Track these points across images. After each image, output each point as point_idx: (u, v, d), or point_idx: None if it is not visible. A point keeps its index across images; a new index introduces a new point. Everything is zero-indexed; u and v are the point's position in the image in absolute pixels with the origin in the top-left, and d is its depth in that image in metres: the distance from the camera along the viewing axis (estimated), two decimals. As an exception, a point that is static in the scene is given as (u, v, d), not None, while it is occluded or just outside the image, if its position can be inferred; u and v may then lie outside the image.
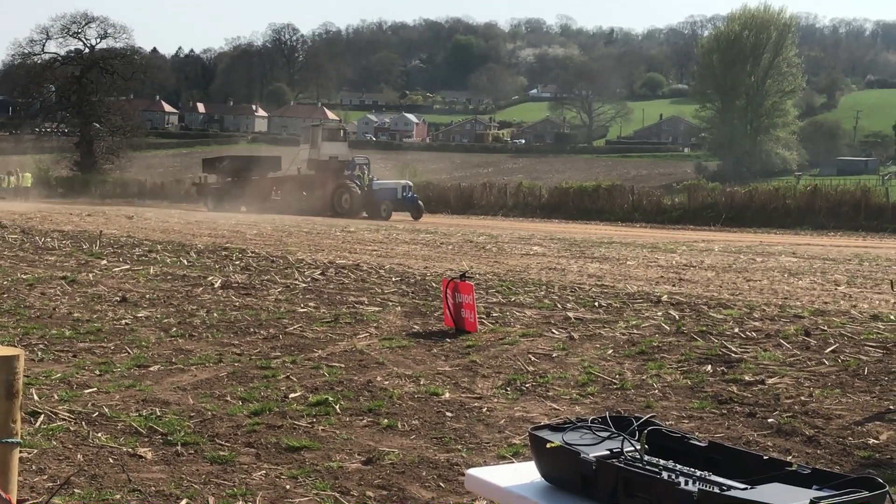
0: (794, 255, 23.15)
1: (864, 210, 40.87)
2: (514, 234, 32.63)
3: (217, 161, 59.94)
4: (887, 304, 13.66)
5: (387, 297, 14.55)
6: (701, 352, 10.36)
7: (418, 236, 29.42)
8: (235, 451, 7.05)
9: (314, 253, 21.99)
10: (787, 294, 15.23)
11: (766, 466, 3.35)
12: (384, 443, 7.30)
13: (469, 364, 10.00)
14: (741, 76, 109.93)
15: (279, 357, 10.29)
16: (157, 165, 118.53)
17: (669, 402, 8.56)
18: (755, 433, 7.58)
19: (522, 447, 6.97)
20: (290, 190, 52.59)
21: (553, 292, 15.08)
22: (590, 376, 9.40)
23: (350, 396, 8.62)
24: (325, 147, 51.77)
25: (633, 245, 26.66)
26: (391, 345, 10.94)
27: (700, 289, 15.88)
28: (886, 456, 7.03)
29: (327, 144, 52.06)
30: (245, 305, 13.77)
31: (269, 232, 30.30)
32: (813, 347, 10.44)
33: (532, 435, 3.67)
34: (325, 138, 52.51)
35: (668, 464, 3.39)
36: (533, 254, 23.22)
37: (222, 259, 20.15)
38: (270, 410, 8.10)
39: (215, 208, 52.80)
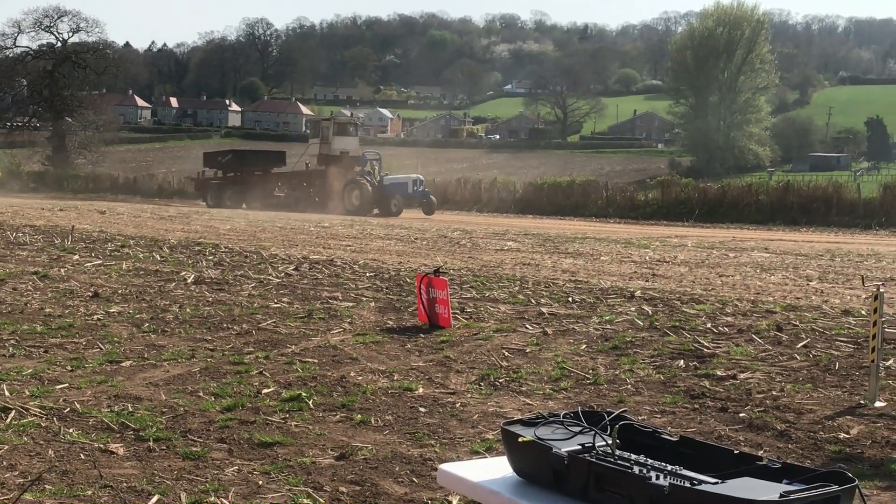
0: (767, 251, 23.25)
1: (835, 206, 41.07)
2: (488, 229, 32.62)
3: (219, 155, 58.42)
4: (858, 300, 13.75)
5: (361, 293, 14.53)
6: (673, 347, 10.39)
7: (393, 231, 29.38)
8: (208, 446, 7.03)
9: (288, 248, 21.93)
10: (760, 289, 15.30)
11: (737, 461, 3.37)
12: (357, 438, 7.29)
13: (443, 359, 10.01)
14: (714, 72, 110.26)
15: (252, 353, 10.26)
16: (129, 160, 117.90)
17: (642, 396, 8.59)
18: (727, 427, 7.62)
19: (495, 442, 6.98)
20: (297, 186, 51.38)
21: (527, 288, 15.09)
22: (563, 371, 9.42)
23: (323, 392, 8.61)
24: (336, 142, 50.12)
25: (607, 240, 26.72)
26: (365, 340, 10.93)
27: (673, 284, 15.93)
28: (857, 450, 7.08)
29: (338, 139, 50.36)
30: (218, 301, 13.72)
31: (242, 227, 30.19)
32: (785, 342, 10.50)
33: (504, 430, 3.67)
34: (336, 133, 50.61)
35: (640, 458, 3.40)
36: (507, 249, 23.23)
37: (195, 254, 20.07)
38: (243, 406, 8.08)
39: (215, 205, 51.42)
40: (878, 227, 37.26)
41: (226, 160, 56.42)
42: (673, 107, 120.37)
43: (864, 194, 42.49)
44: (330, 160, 49.43)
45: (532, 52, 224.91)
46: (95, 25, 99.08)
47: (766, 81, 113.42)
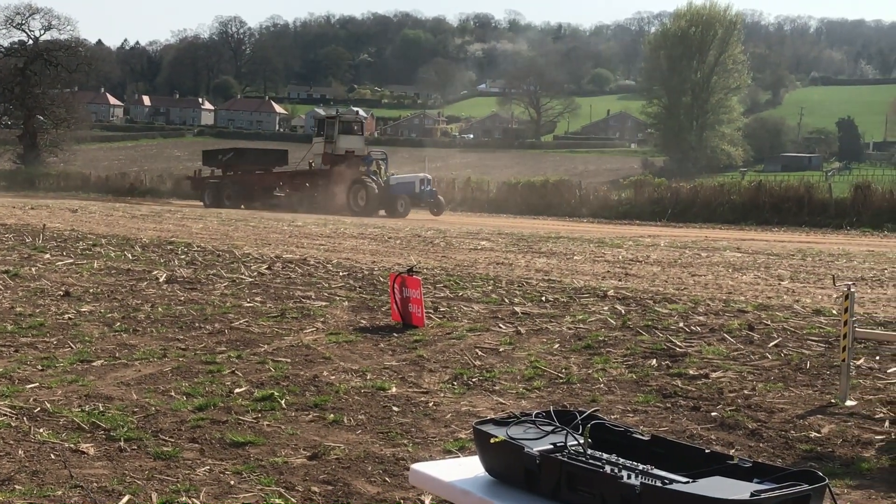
0: (739, 251, 23.36)
1: (807, 206, 41.31)
2: (461, 228, 32.64)
3: (220, 153, 57.09)
4: (829, 299, 13.83)
5: (334, 292, 14.50)
6: (646, 346, 10.42)
7: (366, 231, 29.35)
8: (179, 446, 6.99)
9: (261, 247, 21.86)
10: (732, 289, 15.37)
11: (708, 460, 3.38)
12: (330, 438, 7.28)
13: (416, 359, 10.00)
14: (687, 73, 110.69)
15: (224, 352, 10.22)
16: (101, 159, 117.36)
17: (615, 396, 8.61)
18: (699, 427, 7.65)
19: (468, 441, 6.98)
20: (299, 186, 50.12)
21: (500, 287, 15.10)
22: (536, 371, 9.43)
23: (296, 391, 8.58)
24: (341, 140, 48.70)
25: (580, 240, 26.78)
26: (338, 339, 10.91)
27: (646, 283, 15.98)
28: (828, 449, 7.12)
29: (343, 138, 48.96)
30: (190, 300, 13.66)
31: (215, 226, 30.08)
32: (756, 342, 10.54)
33: (476, 429, 3.67)
34: (341, 131, 49.19)
35: (612, 457, 3.40)
36: (481, 248, 23.24)
37: (167, 253, 19.98)
38: (215, 405, 8.05)
39: (213, 204, 50.39)
40: (850, 227, 37.50)
41: (227, 158, 55.20)
42: (646, 107, 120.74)
43: (835, 194, 42.77)
44: (335, 159, 48.16)
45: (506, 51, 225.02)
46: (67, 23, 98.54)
47: (738, 82, 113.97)
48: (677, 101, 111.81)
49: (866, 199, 39.91)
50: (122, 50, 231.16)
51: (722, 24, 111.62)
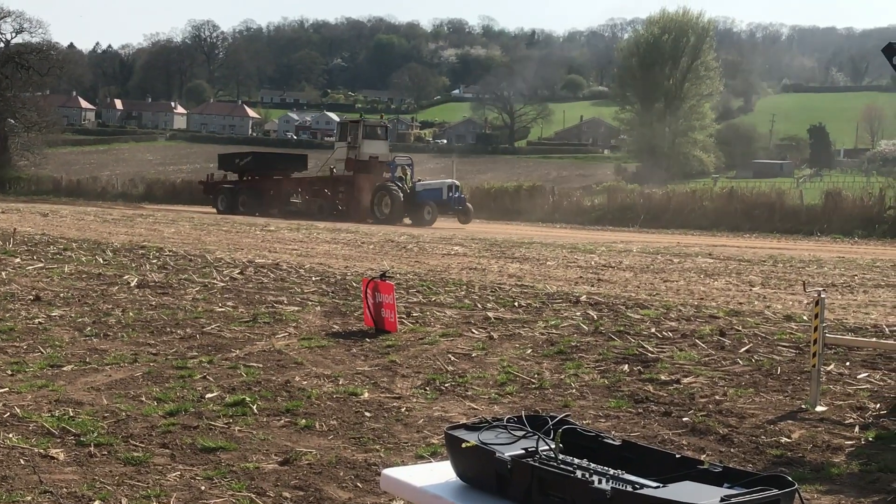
0: (711, 257, 23.47)
1: (778, 212, 41.53)
2: (435, 233, 32.65)
3: (237, 157, 55.14)
4: (800, 305, 13.91)
5: (306, 297, 14.47)
6: (618, 351, 10.45)
7: (339, 235, 29.31)
8: (150, 451, 6.95)
9: (233, 252, 21.80)
10: (703, 294, 15.44)
11: (679, 465, 3.39)
12: (301, 443, 7.25)
13: (388, 364, 9.99)
14: (660, 79, 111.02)
15: (196, 357, 10.18)
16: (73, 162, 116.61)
17: (587, 401, 8.63)
18: (670, 432, 7.67)
19: (440, 447, 6.97)
20: (319, 192, 48.03)
21: (473, 292, 15.11)
22: (509, 376, 9.44)
23: (268, 396, 8.56)
24: (365, 145, 46.88)
25: (553, 245, 26.83)
26: (310, 345, 10.88)
27: (618, 289, 16.03)
28: (798, 454, 7.15)
29: (367, 143, 47.13)
30: (162, 305, 13.60)
31: (187, 230, 29.97)
32: (728, 347, 10.59)
33: (448, 434, 3.67)
34: (365, 136, 47.29)
35: (583, 463, 3.41)
36: (454, 254, 23.25)
37: (139, 257, 19.89)
38: (186, 411, 8.01)
39: (227, 210, 48.96)
40: (820, 233, 37.72)
41: (244, 162, 53.34)
42: (619, 113, 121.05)
43: (806, 201, 43.03)
44: (358, 165, 46.36)
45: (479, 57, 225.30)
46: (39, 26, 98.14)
47: (710, 88, 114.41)
48: (650, 108, 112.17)
49: (837, 205, 40.16)
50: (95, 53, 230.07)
51: (694, 31, 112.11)
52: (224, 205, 50.25)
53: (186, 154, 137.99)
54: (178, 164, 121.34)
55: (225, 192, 51.49)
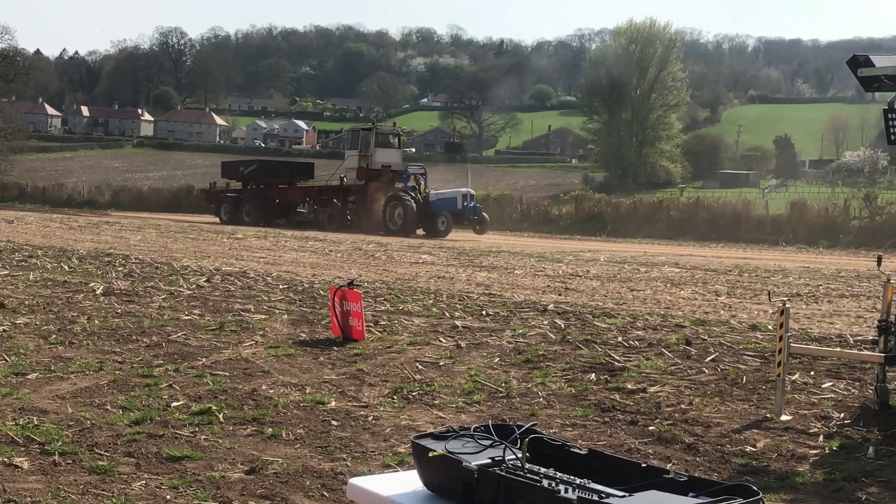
0: (677, 266, 23.59)
1: (744, 222, 41.80)
2: (403, 242, 32.65)
3: (241, 165, 53.33)
4: (765, 315, 14.00)
5: (273, 305, 14.43)
6: (585, 360, 10.48)
7: (307, 244, 29.25)
8: (115, 460, 6.91)
9: (200, 259, 21.70)
10: (670, 304, 15.51)
11: (644, 474, 3.40)
12: (268, 452, 7.23)
13: (356, 372, 9.97)
14: (627, 89, 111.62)
15: (162, 365, 10.13)
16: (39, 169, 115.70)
17: (554, 410, 8.65)
18: (636, 440, 7.70)
19: (408, 456, 6.96)
20: (327, 202, 46.28)
21: (441, 301, 15.12)
22: (476, 384, 9.45)
23: (234, 405, 8.53)
24: (377, 154, 45.08)
25: (521, 254, 26.88)
26: (277, 353, 10.85)
27: (585, 298, 16.08)
28: (763, 463, 7.20)
29: (380, 151, 45.34)
30: (127, 312, 13.52)
31: (153, 238, 29.82)
32: (694, 356, 10.65)
33: (414, 443, 3.66)
34: (377, 144, 45.48)
35: (549, 472, 3.41)
36: (422, 262, 23.25)
37: (105, 265, 19.77)
38: (152, 419, 7.97)
39: (230, 220, 47.21)
40: (786, 243, 38.00)
41: (249, 170, 51.45)
42: (587, 123, 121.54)
43: (771, 211, 43.32)
44: (370, 174, 44.59)
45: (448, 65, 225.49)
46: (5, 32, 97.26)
47: (677, 99, 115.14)
48: (617, 118, 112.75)
49: (802, 215, 40.48)
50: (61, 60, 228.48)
51: (661, 42, 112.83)
52: (227, 214, 48.53)
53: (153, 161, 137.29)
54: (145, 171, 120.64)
55: (228, 201, 49.67)
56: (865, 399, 8.92)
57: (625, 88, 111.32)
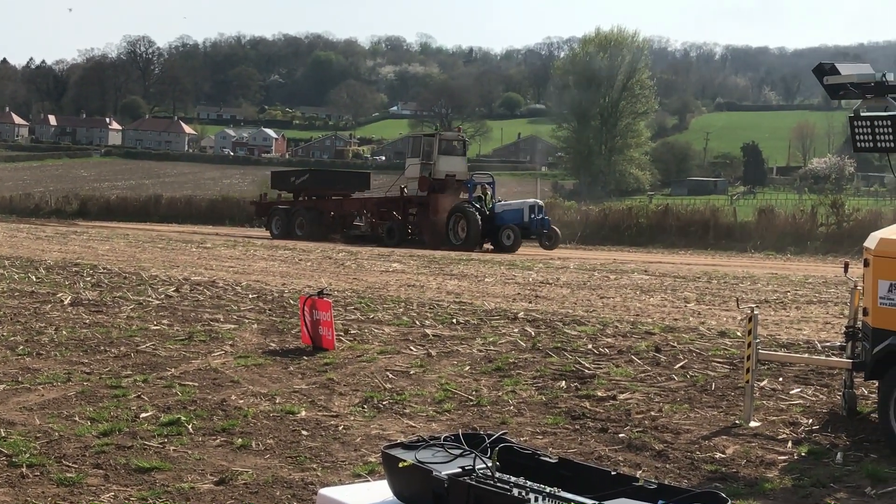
0: (646, 273, 23.66)
1: (713, 229, 41.95)
2: (373, 251, 32.62)
3: (292, 175, 50.02)
4: (734, 321, 14.07)
5: (243, 315, 14.38)
6: (555, 368, 10.50)
7: (276, 252, 29.17)
8: (83, 472, 6.87)
9: (168, 269, 21.60)
10: (639, 311, 15.56)
11: (614, 482, 3.41)
12: (238, 462, 7.20)
13: (326, 382, 9.95)
14: (596, 97, 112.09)
15: (130, 376, 10.07)
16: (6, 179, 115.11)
17: (524, 417, 8.66)
18: (607, 448, 7.72)
19: (378, 465, 6.95)
20: (386, 215, 42.78)
21: (412, 309, 15.11)
22: (447, 393, 9.45)
23: (203, 416, 8.48)
24: (441, 162, 41.56)
25: (491, 262, 26.92)
26: (247, 363, 10.81)
27: (555, 306, 16.11)
28: (732, 470, 7.23)
29: (444, 159, 41.74)
30: (96, 323, 13.44)
31: (122, 248, 29.66)
32: (663, 363, 10.68)
33: (385, 453, 3.66)
34: (441, 151, 41.91)
35: (520, 481, 3.42)
36: (392, 271, 23.24)
37: (73, 275, 19.65)
38: (120, 430, 7.92)
39: (282, 234, 44.10)
40: (754, 249, 38.17)
41: (301, 181, 47.93)
42: (556, 131, 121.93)
43: (740, 218, 43.53)
44: (433, 184, 41.20)
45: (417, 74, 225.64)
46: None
47: (645, 107, 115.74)
48: (586, 126, 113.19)
49: (770, 222, 40.69)
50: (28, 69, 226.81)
51: (629, 50, 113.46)
52: (279, 228, 45.10)
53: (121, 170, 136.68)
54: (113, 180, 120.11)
55: (280, 214, 46.03)
56: (833, 405, 8.98)
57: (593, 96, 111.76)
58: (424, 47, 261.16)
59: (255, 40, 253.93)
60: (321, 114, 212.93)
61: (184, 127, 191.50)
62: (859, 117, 8.06)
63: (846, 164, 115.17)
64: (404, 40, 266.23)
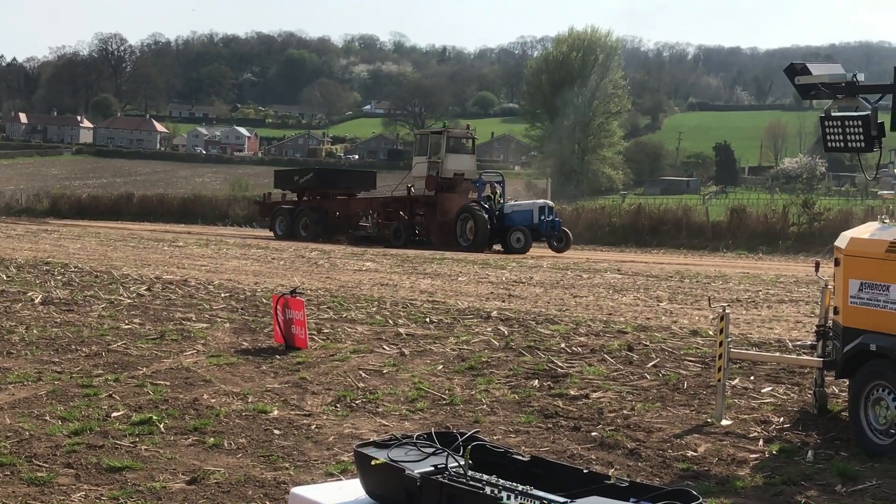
0: (619, 272, 23.74)
1: (685, 228, 42.10)
2: (346, 249, 32.59)
3: (296, 174, 48.51)
4: (706, 320, 14.13)
5: (215, 314, 14.33)
6: (528, 367, 10.52)
7: (249, 251, 29.09)
8: (54, 471, 6.82)
9: (140, 268, 21.49)
10: (612, 310, 15.61)
11: (586, 480, 3.42)
12: (210, 462, 7.17)
13: (299, 381, 9.93)
14: (569, 97, 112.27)
15: (102, 375, 10.01)
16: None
17: (497, 416, 8.67)
18: (579, 446, 7.74)
19: (350, 464, 6.94)
20: (393, 215, 41.04)
21: (385, 308, 15.10)
22: (420, 392, 9.44)
23: (175, 415, 8.45)
24: (449, 160, 40.00)
25: (465, 261, 26.93)
26: (219, 362, 10.77)
27: (529, 305, 16.13)
28: (704, 468, 7.26)
29: (452, 157, 40.21)
30: (67, 322, 13.36)
31: (93, 246, 29.50)
32: (635, 362, 10.72)
33: (357, 452, 3.66)
34: (449, 149, 40.31)
35: (492, 479, 3.42)
36: (365, 269, 23.21)
37: (43, 274, 19.52)
38: (91, 430, 7.87)
39: (286, 234, 42.72)
40: (726, 249, 38.34)
41: (304, 180, 46.43)
42: (529, 130, 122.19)
43: (712, 217, 43.70)
44: (441, 183, 39.66)
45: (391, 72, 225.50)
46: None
47: (619, 106, 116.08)
48: (560, 125, 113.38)
49: (742, 222, 40.86)
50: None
51: (603, 50, 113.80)
52: (283, 229, 43.71)
53: (93, 168, 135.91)
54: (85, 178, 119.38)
55: (284, 215, 44.58)
56: (804, 403, 9.03)
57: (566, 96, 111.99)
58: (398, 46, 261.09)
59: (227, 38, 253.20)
60: (294, 112, 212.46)
61: (156, 125, 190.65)
62: (830, 117, 8.11)
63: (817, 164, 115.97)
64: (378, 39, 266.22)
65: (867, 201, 52.14)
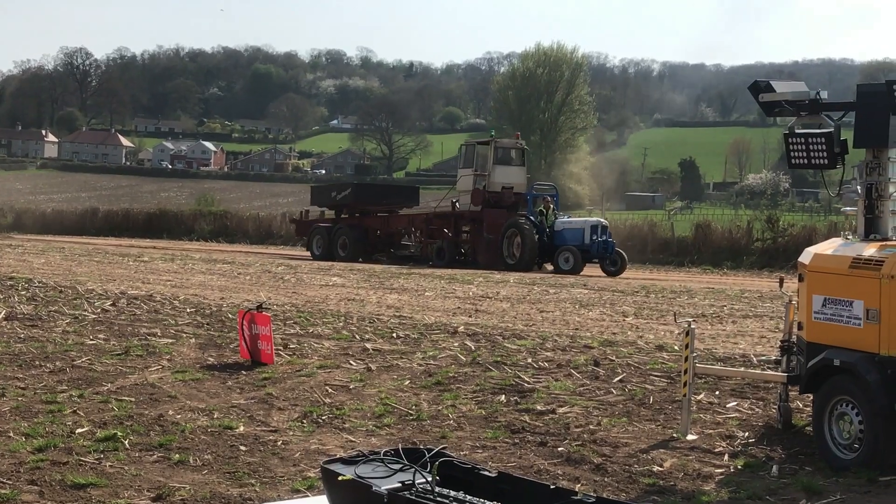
0: (585, 287, 23.81)
1: (650, 244, 42.25)
2: (313, 264, 32.52)
3: (333, 189, 45.68)
4: (671, 335, 14.19)
5: (181, 329, 14.25)
6: (495, 382, 10.52)
7: (215, 266, 28.96)
8: (17, 488, 6.76)
9: (105, 283, 21.35)
10: (578, 325, 15.65)
11: (553, 496, 3.43)
12: (175, 478, 7.13)
13: (265, 397, 9.89)
14: (535, 112, 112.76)
15: (66, 391, 9.94)
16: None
17: (464, 432, 8.67)
18: (546, 462, 7.75)
19: (317, 481, 6.92)
20: (436, 233, 38.01)
21: (352, 323, 15.08)
22: (386, 407, 9.43)
23: (140, 431, 8.40)
24: (496, 173, 37.40)
25: (432, 276, 26.93)
26: (184, 378, 10.72)
27: (495, 320, 16.15)
28: (670, 483, 7.29)
29: (500, 169, 37.53)
30: (30, 337, 13.25)
31: (57, 261, 29.28)
32: (602, 377, 10.75)
33: (324, 468, 3.66)
34: (497, 161, 37.69)
35: (459, 495, 3.43)
36: (332, 284, 23.17)
37: (7, 289, 19.36)
38: (55, 446, 7.81)
39: (324, 255, 39.54)
40: (691, 264, 38.52)
41: (342, 196, 43.43)
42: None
43: (677, 233, 43.89)
44: (488, 198, 36.88)
45: (358, 87, 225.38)
46: None
47: (585, 122, 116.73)
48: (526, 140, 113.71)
49: (707, 237, 41.06)
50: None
51: (569, 66, 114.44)
52: (320, 248, 40.63)
53: (58, 183, 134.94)
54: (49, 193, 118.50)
55: (321, 233, 41.32)
56: (769, 418, 9.09)
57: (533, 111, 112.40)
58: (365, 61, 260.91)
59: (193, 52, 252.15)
60: (260, 127, 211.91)
61: (121, 139, 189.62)
62: (794, 134, 8.19)
63: (781, 180, 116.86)
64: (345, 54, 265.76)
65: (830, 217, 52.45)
